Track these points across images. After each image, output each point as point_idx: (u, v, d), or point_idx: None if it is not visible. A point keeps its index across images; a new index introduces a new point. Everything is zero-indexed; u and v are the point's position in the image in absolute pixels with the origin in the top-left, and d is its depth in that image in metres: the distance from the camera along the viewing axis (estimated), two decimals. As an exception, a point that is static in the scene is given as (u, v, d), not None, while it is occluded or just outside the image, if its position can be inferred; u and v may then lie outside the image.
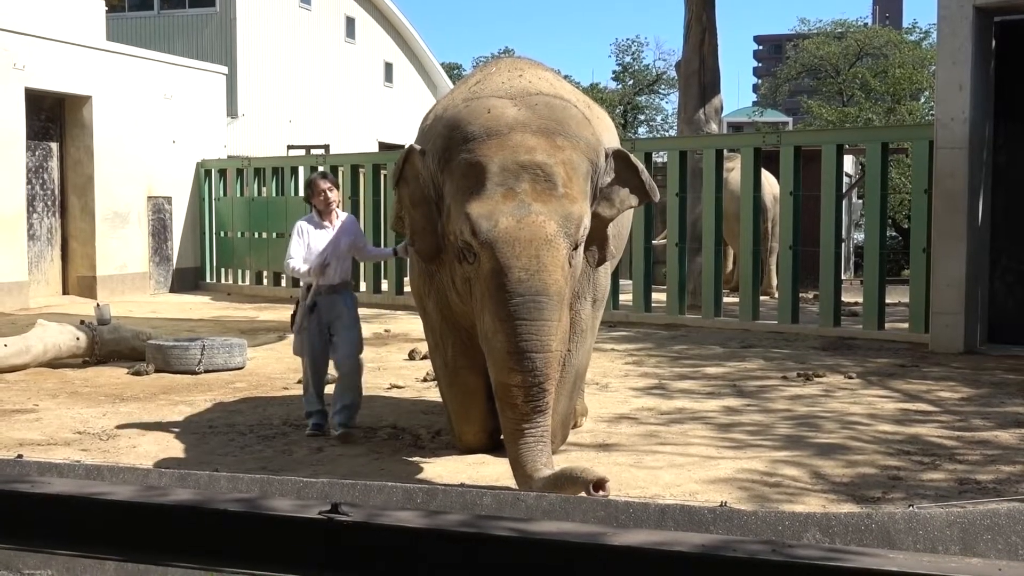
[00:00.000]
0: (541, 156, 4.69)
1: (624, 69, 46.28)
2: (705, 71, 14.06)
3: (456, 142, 4.82)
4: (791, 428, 6.62)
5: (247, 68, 22.16)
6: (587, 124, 5.01)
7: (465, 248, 4.70)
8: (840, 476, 5.42)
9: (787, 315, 11.46)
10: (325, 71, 25.21)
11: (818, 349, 10.20)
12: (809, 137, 14.24)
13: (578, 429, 6.42)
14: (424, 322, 5.98)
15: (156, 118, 16.76)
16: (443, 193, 4.94)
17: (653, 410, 7.20)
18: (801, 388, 8.09)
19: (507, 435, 4.66)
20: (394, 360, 9.46)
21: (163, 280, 17.10)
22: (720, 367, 9.14)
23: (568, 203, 4.64)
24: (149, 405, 7.44)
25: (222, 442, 6.27)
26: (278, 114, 23.12)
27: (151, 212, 16.80)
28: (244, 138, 21.20)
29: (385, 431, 6.43)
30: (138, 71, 16.48)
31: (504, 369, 4.53)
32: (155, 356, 8.85)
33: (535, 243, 4.51)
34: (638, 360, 9.56)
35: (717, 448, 6.04)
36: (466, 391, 5.69)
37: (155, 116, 16.75)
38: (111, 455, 5.94)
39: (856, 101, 35.71)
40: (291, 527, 1.36)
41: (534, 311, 4.46)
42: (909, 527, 1.41)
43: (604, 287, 5.78)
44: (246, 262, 17.15)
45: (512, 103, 4.91)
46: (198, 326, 12.14)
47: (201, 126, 17.83)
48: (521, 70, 5.66)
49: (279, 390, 8.05)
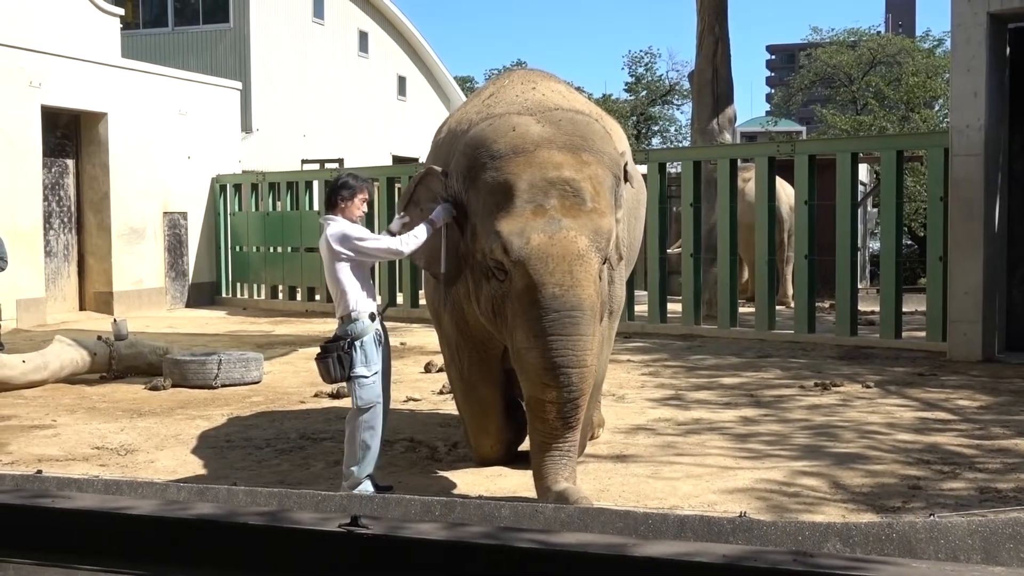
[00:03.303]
0: (569, 172, 4.69)
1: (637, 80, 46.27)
2: (718, 81, 14.05)
3: (481, 161, 4.80)
4: (809, 438, 6.60)
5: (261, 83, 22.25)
6: (609, 138, 5.03)
7: (495, 266, 4.67)
8: (859, 486, 5.40)
9: (803, 325, 11.42)
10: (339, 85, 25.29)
11: (835, 358, 10.16)
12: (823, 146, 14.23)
13: (595, 440, 6.41)
14: (439, 335, 5.98)
15: (171, 134, 16.85)
16: (467, 212, 4.93)
17: (670, 421, 7.19)
18: (819, 398, 8.06)
19: (534, 447, 4.68)
20: (410, 373, 9.46)
21: (179, 295, 17.16)
22: (737, 377, 9.11)
23: (597, 217, 4.64)
24: (166, 420, 7.46)
25: (239, 456, 6.28)
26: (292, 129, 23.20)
27: (167, 227, 16.87)
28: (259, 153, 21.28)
29: (402, 444, 6.43)
30: (153, 87, 16.57)
31: (539, 385, 4.52)
32: (172, 371, 8.88)
33: (568, 258, 4.51)
34: (654, 371, 9.54)
35: (735, 458, 6.03)
36: (482, 403, 5.69)
37: (170, 132, 16.83)
38: (129, 470, 5.96)
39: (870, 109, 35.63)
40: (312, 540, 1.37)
41: (569, 326, 4.45)
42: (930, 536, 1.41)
43: (620, 298, 5.77)
44: (261, 276, 17.20)
45: (535, 120, 4.91)
46: (214, 341, 12.17)
47: (216, 141, 17.91)
48: (534, 83, 5.68)
49: (295, 404, 8.06)
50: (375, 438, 5.14)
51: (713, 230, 12.79)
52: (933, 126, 30.60)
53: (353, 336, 5.05)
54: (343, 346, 5.04)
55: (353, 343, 5.04)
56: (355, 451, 5.11)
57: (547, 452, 4.55)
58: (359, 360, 5.04)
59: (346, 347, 5.04)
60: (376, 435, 5.14)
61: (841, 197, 11.17)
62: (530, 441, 4.75)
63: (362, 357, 5.05)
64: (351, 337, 5.05)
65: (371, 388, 5.10)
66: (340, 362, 5.04)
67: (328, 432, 6.89)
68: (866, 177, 21.05)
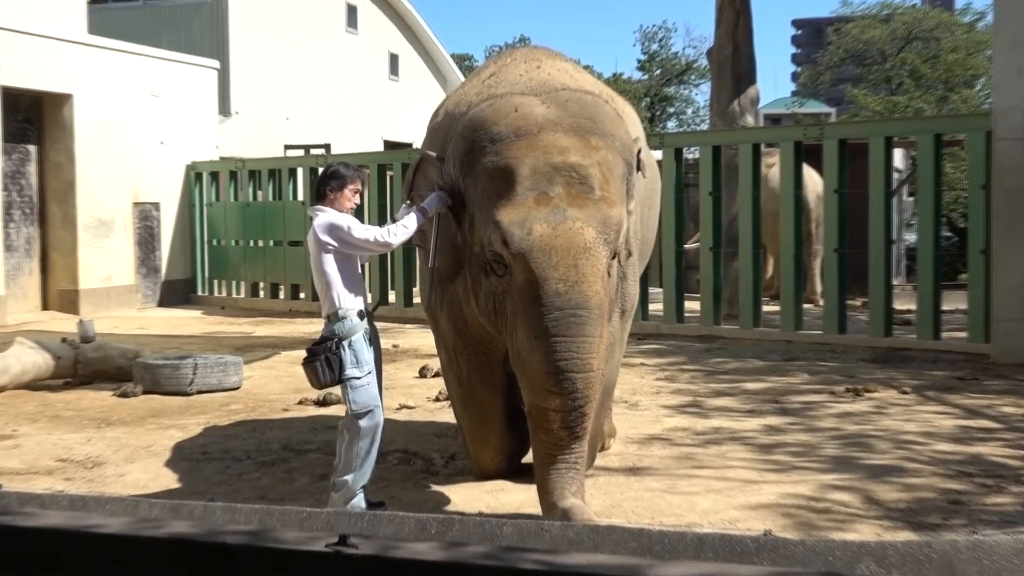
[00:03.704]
0: (575, 157, 4.67)
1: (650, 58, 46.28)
2: (739, 59, 14.05)
3: (481, 144, 4.79)
4: (840, 448, 6.60)
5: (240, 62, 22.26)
6: (620, 121, 5.01)
7: (494, 260, 4.66)
8: (895, 501, 5.39)
9: (833, 325, 11.42)
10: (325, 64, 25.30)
11: (868, 361, 10.16)
12: (854, 129, 14.20)
13: (606, 452, 6.40)
14: (436, 336, 5.98)
15: (142, 117, 16.87)
16: (465, 201, 4.93)
17: (688, 430, 7.19)
18: (850, 404, 8.06)
19: (538, 460, 4.66)
20: (404, 378, 9.47)
21: (151, 293, 17.18)
22: (760, 382, 9.11)
23: (606, 207, 4.62)
24: (137, 429, 7.47)
25: (217, 469, 6.28)
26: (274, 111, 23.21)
27: (138, 219, 16.89)
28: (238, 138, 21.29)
29: (395, 456, 6.43)
30: (122, 67, 16.59)
31: (541, 391, 4.50)
32: (143, 376, 8.88)
33: (573, 251, 4.48)
34: (670, 375, 9.54)
35: (759, 471, 6.03)
36: (482, 411, 5.69)
37: (141, 115, 16.85)
38: (97, 484, 5.96)
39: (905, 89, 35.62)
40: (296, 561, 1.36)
41: (574, 326, 4.42)
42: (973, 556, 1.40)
43: (633, 296, 5.77)
44: (241, 273, 17.23)
45: (540, 100, 4.90)
46: (189, 343, 12.18)
47: (191, 125, 17.93)
48: (539, 61, 5.68)
49: (278, 412, 8.07)
50: (373, 446, 5.13)
51: (734, 221, 12.79)
52: (974, 107, 30.58)
53: (341, 335, 5.04)
54: (331, 347, 5.02)
55: (341, 343, 5.03)
56: (351, 460, 5.08)
57: (552, 465, 4.54)
58: (349, 361, 5.03)
59: (334, 347, 5.02)
60: (375, 443, 5.13)
61: (874, 185, 11.16)
62: (533, 453, 4.74)
63: (352, 357, 5.04)
64: (339, 336, 5.04)
65: (365, 390, 5.08)
66: (329, 364, 5.01)
67: (314, 443, 6.89)
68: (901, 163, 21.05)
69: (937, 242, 11.01)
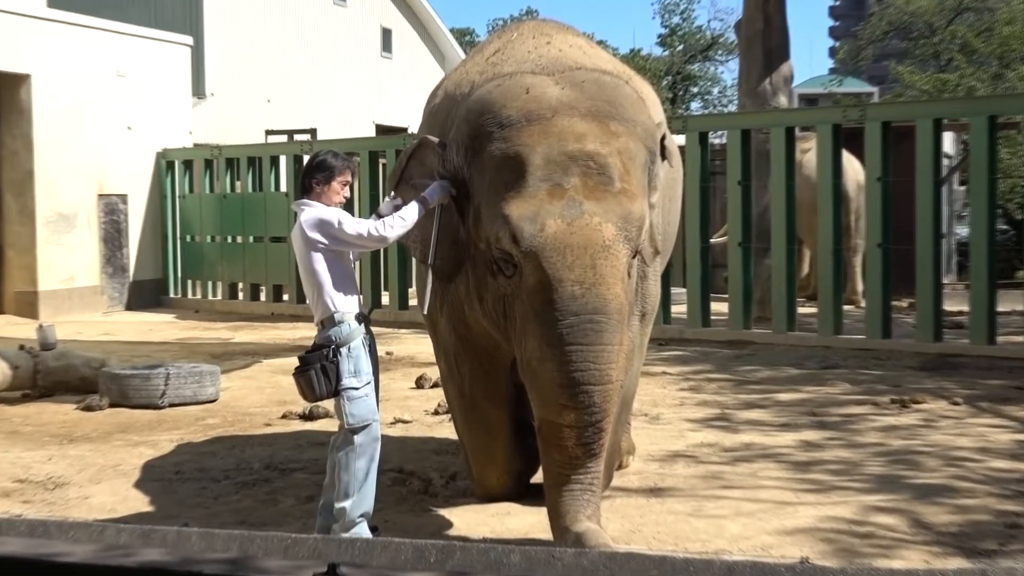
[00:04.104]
0: (593, 144, 4.65)
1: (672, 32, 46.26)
2: (771, 32, 14.04)
3: (487, 130, 4.77)
4: (884, 466, 6.59)
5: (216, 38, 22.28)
6: (642, 105, 5.00)
7: (502, 258, 4.64)
8: (946, 524, 5.39)
9: (876, 328, 11.41)
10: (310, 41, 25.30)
11: (915, 369, 10.15)
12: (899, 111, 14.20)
13: (624, 471, 6.41)
14: (435, 343, 5.97)
15: (108, 100, 16.88)
16: (470, 192, 4.92)
17: (715, 446, 7.19)
18: (895, 417, 8.05)
19: (549, 480, 4.66)
20: (399, 389, 9.47)
21: (118, 295, 17.20)
22: (796, 392, 9.11)
23: (627, 200, 4.60)
24: (103, 447, 7.47)
25: (192, 491, 6.28)
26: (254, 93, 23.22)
27: (103, 213, 16.90)
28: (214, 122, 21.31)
29: (389, 476, 6.43)
30: (85, 44, 16.60)
31: (554, 406, 4.48)
32: (110, 387, 8.89)
33: (590, 250, 4.47)
34: (695, 385, 9.54)
35: (794, 492, 6.03)
36: (487, 426, 5.69)
37: (106, 98, 16.87)
38: (59, 508, 5.97)
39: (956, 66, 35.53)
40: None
41: (591, 334, 4.41)
42: (1034, 586, 1.40)
43: (654, 297, 5.76)
44: (218, 272, 17.24)
45: (553, 81, 4.89)
46: (161, 350, 12.19)
47: (162, 109, 17.94)
48: (548, 36, 5.68)
49: (259, 427, 8.07)
50: (373, 465, 5.09)
51: (766, 213, 12.78)
52: (1033, 86, 30.50)
53: (339, 342, 5.00)
54: (327, 355, 4.98)
55: (339, 350, 4.99)
56: (349, 482, 5.03)
57: (565, 486, 4.54)
58: (347, 370, 4.99)
59: (331, 355, 4.96)
60: (374, 461, 5.09)
61: (921, 173, 11.14)
62: (544, 472, 4.74)
63: (350, 366, 5.00)
64: (336, 343, 5.00)
65: (363, 402, 5.04)
66: (326, 374, 4.95)
67: (299, 461, 6.89)
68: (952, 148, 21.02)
69: (992, 236, 10.99)
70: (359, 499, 5.04)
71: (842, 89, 44.67)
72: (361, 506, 5.05)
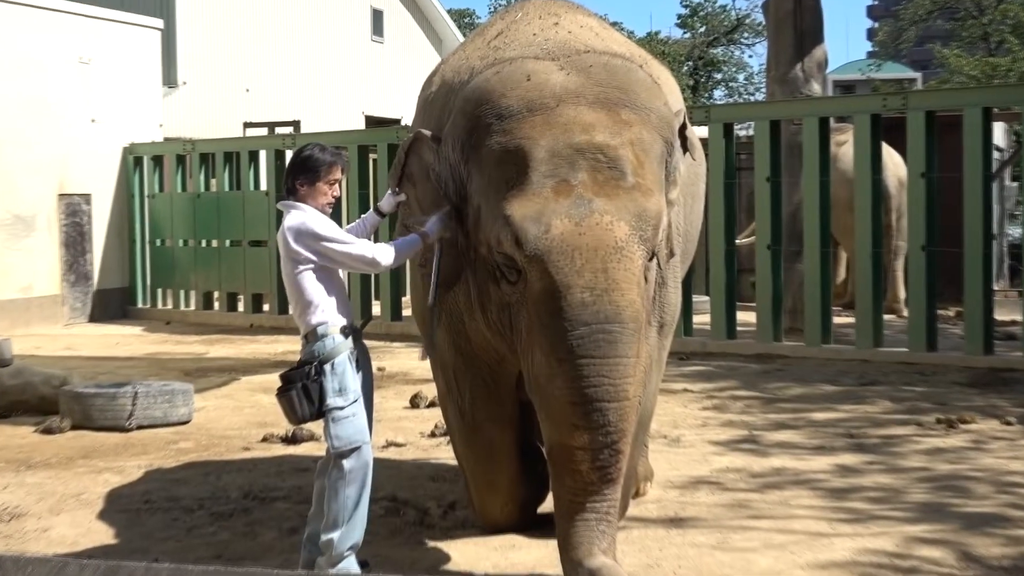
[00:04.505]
0: (603, 136, 4.65)
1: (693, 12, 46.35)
2: (802, 12, 14.03)
3: (486, 122, 4.77)
4: (929, 493, 6.59)
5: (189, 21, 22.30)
6: (658, 91, 4.99)
7: (505, 263, 4.64)
8: (998, 557, 5.38)
9: (920, 340, 11.40)
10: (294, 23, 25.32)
11: (964, 385, 10.15)
12: (945, 99, 14.18)
13: (641, 498, 6.41)
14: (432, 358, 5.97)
15: (69, 89, 16.89)
16: (468, 192, 4.92)
17: (742, 471, 7.19)
18: (942, 439, 8.05)
19: (560, 509, 4.64)
20: (392, 409, 9.46)
21: (80, 306, 17.19)
22: (831, 412, 9.11)
23: (641, 197, 4.59)
24: (64, 473, 7.47)
25: (162, 522, 6.28)
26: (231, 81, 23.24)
27: (64, 215, 16.90)
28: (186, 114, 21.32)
29: (381, 504, 6.43)
30: (45, 27, 16.61)
31: (564, 426, 4.47)
32: (72, 407, 8.88)
33: (601, 252, 4.45)
34: (720, 404, 9.54)
35: (829, 522, 6.02)
36: (489, 450, 5.68)
37: (67, 87, 16.88)
38: (15, 541, 5.97)
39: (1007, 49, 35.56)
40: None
41: (604, 345, 4.39)
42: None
43: (674, 307, 5.76)
44: (191, 280, 17.22)
45: (558, 66, 4.89)
46: (128, 367, 12.19)
47: (129, 99, 17.95)
48: (556, 16, 5.67)
49: (237, 451, 8.07)
50: (364, 492, 5.07)
51: (798, 213, 12.78)
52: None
53: (321, 358, 4.99)
54: (309, 372, 4.96)
55: (322, 366, 4.98)
56: (338, 512, 5.01)
57: (578, 515, 4.53)
58: (331, 388, 4.98)
59: (313, 373, 4.96)
60: (365, 489, 5.07)
61: (970, 167, 11.14)
62: (554, 500, 4.72)
63: (334, 384, 4.98)
64: (319, 359, 4.99)
65: (350, 422, 5.01)
66: (307, 394, 4.93)
67: (281, 489, 6.89)
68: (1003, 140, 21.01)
69: (1048, 237, 10.99)
70: (348, 530, 5.02)
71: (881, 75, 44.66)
72: (350, 538, 5.03)
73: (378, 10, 28.81)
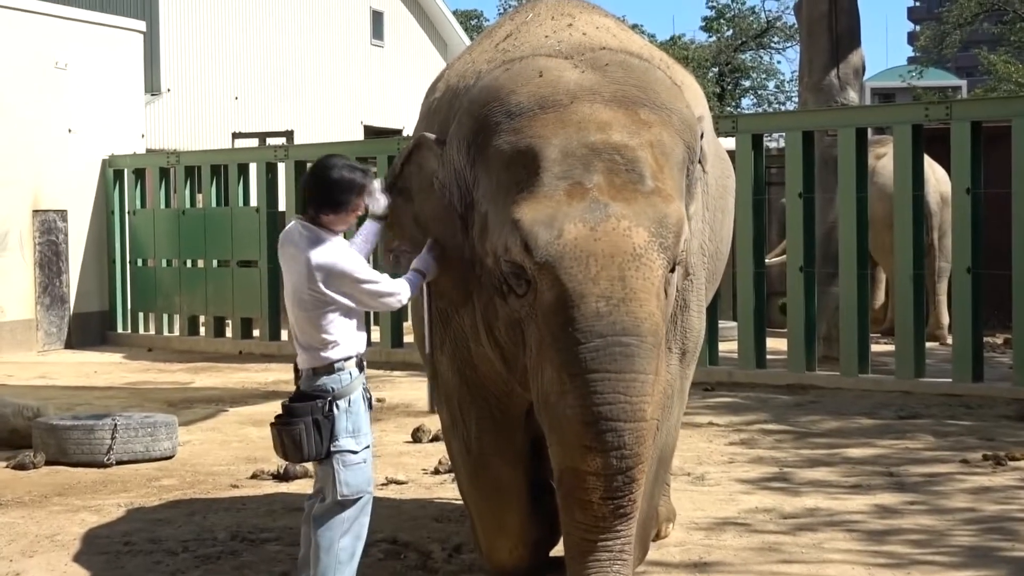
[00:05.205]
0: (620, 135, 4.64)
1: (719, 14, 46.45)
2: (838, 15, 14.06)
3: (494, 121, 4.77)
4: (975, 536, 6.58)
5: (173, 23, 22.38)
6: (679, 92, 4.99)
7: (513, 272, 4.61)
8: (1051, 606, 5.38)
9: (966, 370, 11.38)
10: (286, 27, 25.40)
11: (1012, 419, 10.13)
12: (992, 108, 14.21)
13: (663, 540, 6.40)
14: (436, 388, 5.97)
15: (45, 97, 16.94)
16: (475, 197, 4.91)
17: (772, 512, 7.18)
18: (989, 477, 8.04)
19: (571, 548, 4.62)
20: (392, 443, 9.47)
21: (56, 331, 17.22)
22: (869, 447, 9.09)
23: (661, 202, 4.57)
24: (38, 512, 7.48)
25: (144, 565, 6.28)
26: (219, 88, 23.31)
27: (38, 233, 16.93)
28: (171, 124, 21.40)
29: (381, 547, 6.43)
30: (18, 30, 16.67)
31: (575, 448, 4.42)
32: (46, 441, 8.90)
33: (618, 259, 4.43)
34: (748, 439, 9.53)
35: (867, 567, 6.02)
36: (497, 488, 5.66)
37: (43, 94, 16.92)
38: (-16, 586, 5.98)
39: (1060, 54, 35.60)
40: None
41: (620, 359, 4.36)
42: None
43: (697, 332, 5.74)
44: (175, 303, 17.23)
45: (571, 63, 4.91)
46: (106, 397, 12.20)
47: (109, 107, 17.98)
48: (570, 17, 5.68)
49: (224, 489, 8.08)
50: (359, 543, 5.06)
51: (833, 231, 12.78)
52: None
53: (336, 394, 4.94)
54: (321, 407, 4.90)
55: (335, 403, 4.94)
56: (329, 565, 4.97)
57: (591, 555, 4.51)
58: (343, 428, 4.94)
59: (326, 409, 4.91)
60: (361, 540, 5.06)
61: (1019, 183, 11.14)
62: (565, 539, 4.71)
63: (348, 424, 4.95)
64: (333, 395, 4.94)
65: (361, 470, 4.97)
66: (319, 430, 4.87)
67: (272, 530, 6.89)
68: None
69: (1105, 258, 10.99)
70: None
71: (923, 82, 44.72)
72: None
73: (378, 11, 28.85)
